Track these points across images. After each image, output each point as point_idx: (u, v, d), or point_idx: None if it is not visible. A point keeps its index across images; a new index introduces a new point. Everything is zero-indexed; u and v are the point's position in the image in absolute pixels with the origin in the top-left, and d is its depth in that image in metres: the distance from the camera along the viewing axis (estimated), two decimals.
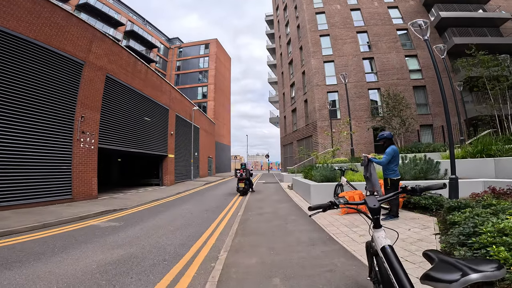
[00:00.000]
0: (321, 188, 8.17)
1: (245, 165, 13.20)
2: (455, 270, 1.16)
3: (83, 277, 3.30)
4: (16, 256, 4.06)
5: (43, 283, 3.07)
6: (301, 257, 3.72)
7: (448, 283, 1.12)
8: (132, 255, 4.22)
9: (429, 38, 6.98)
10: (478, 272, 1.11)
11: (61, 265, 3.71)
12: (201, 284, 3.16)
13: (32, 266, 3.64)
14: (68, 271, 3.49)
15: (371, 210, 1.78)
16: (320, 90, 22.26)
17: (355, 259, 3.53)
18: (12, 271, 3.43)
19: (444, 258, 1.31)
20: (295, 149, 26.63)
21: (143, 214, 8.08)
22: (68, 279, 3.22)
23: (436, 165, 7.86)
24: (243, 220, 6.46)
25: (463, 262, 1.19)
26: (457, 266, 1.18)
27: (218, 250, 4.46)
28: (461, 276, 1.11)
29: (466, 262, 1.19)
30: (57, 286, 3.01)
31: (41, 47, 9.24)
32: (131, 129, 14.48)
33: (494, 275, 1.12)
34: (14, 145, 8.31)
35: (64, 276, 3.33)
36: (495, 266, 1.14)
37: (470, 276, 1.10)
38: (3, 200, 7.84)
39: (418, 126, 20.19)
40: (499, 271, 1.12)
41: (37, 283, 3.09)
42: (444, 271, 1.19)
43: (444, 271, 1.19)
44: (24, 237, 5.25)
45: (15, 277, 3.24)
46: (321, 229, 5.22)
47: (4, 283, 3.04)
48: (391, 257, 1.58)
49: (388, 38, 22.58)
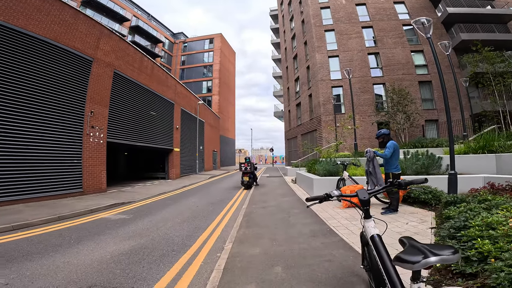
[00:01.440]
0: (323, 182, 8.37)
1: (249, 159, 13.43)
2: (419, 253, 1.34)
3: (99, 267, 3.56)
4: (35, 248, 4.33)
5: (63, 273, 3.33)
6: (302, 248, 3.94)
7: (412, 264, 1.31)
8: (142, 246, 4.48)
9: (431, 36, 7.02)
10: (437, 256, 1.30)
11: (78, 256, 3.97)
12: (208, 272, 3.41)
13: (51, 257, 3.90)
14: (85, 262, 3.75)
15: (362, 202, 1.96)
16: (324, 85, 22.30)
17: (353, 250, 3.74)
18: (33, 262, 3.68)
19: (413, 244, 1.50)
20: (299, 143, 26.79)
21: (151, 207, 8.38)
22: (86, 269, 3.48)
23: (438, 160, 7.98)
24: (247, 213, 6.70)
25: (427, 247, 1.38)
26: (421, 249, 1.37)
27: (223, 241, 4.70)
28: (422, 258, 1.30)
29: (429, 247, 1.38)
30: (76, 275, 3.26)
31: (51, 45, 9.48)
32: (138, 124, 14.78)
33: (450, 258, 1.31)
34: (27, 140, 8.62)
35: (82, 266, 3.59)
36: (451, 251, 1.32)
37: (430, 258, 1.29)
38: (17, 193, 8.18)
39: (423, 121, 20.23)
40: (454, 256, 1.31)
41: (58, 273, 3.34)
42: (410, 254, 1.38)
43: (410, 254, 1.37)
44: (40, 230, 5.54)
45: (37, 268, 3.49)
46: (322, 222, 5.43)
47: (27, 274, 3.28)
48: (379, 245, 1.76)
49: (394, 34, 22.45)
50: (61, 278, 3.17)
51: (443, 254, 1.31)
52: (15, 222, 5.77)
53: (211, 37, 46.43)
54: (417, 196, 6.19)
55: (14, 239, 4.79)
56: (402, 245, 1.60)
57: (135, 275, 3.30)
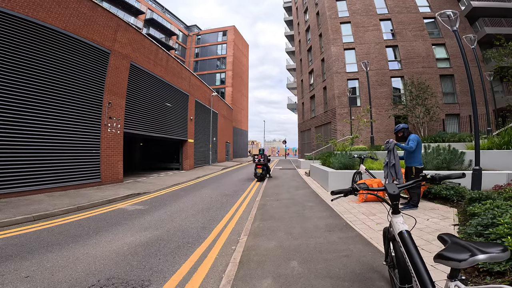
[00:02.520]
0: (339, 175, 8.23)
1: (263, 151, 13.39)
2: (465, 251, 1.26)
3: (117, 258, 3.61)
4: (56, 238, 4.44)
5: (82, 265, 3.39)
6: (318, 242, 3.88)
7: (458, 262, 1.23)
8: (158, 237, 4.53)
9: (458, 28, 6.67)
10: (485, 254, 1.22)
11: (97, 247, 4.05)
12: (223, 265, 3.40)
13: (71, 248, 3.98)
14: (103, 253, 3.81)
15: (391, 196, 1.88)
16: (340, 78, 21.91)
17: (371, 246, 3.64)
18: (53, 253, 3.75)
19: (456, 241, 1.42)
20: (313, 135, 26.50)
21: (166, 198, 8.49)
22: (104, 261, 3.53)
23: (460, 155, 7.68)
24: (261, 205, 6.68)
25: (473, 244, 1.29)
26: (467, 247, 1.29)
27: (238, 233, 4.70)
28: (469, 256, 1.22)
29: (475, 244, 1.30)
30: (94, 267, 3.31)
31: (70, 37, 9.60)
32: (153, 115, 14.95)
33: (499, 256, 1.22)
34: (48, 131, 8.83)
35: (100, 257, 3.65)
36: (500, 249, 1.24)
37: (478, 256, 1.21)
38: (38, 183, 8.44)
39: (443, 115, 19.72)
40: (503, 253, 1.22)
41: (77, 264, 3.40)
42: (455, 251, 1.30)
43: (455, 251, 1.29)
44: (60, 220, 5.69)
45: (57, 259, 3.55)
46: (338, 216, 5.33)
47: (47, 266, 3.33)
48: (407, 241, 1.70)
49: (414, 26, 21.78)
50: (81, 270, 3.22)
51: (492, 251, 1.23)
52: (36, 212, 5.93)
53: (224, 30, 46.17)
54: (438, 192, 5.98)
55: (35, 230, 4.93)
56: (442, 242, 1.53)
57: (152, 267, 3.33)
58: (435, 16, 21.41)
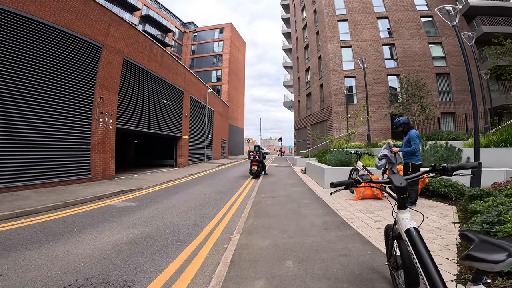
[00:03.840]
0: (335, 172, 8.06)
1: (258, 147, 13.17)
2: (500, 250, 1.09)
3: (99, 257, 3.38)
4: (37, 236, 4.19)
5: (61, 263, 3.15)
6: (314, 241, 3.69)
7: (494, 263, 1.06)
8: (147, 235, 4.31)
9: (456, 25, 6.53)
10: None
11: (79, 245, 3.81)
12: (214, 265, 3.19)
13: (51, 246, 3.74)
14: (85, 251, 3.58)
15: (397, 189, 1.70)
16: (336, 75, 21.83)
17: (370, 244, 3.46)
18: (31, 251, 3.51)
19: (484, 238, 1.24)
20: (309, 133, 26.39)
21: (158, 195, 8.25)
22: (85, 259, 3.30)
23: (458, 152, 7.55)
24: (256, 202, 6.48)
25: (507, 243, 1.12)
26: (502, 246, 1.11)
27: (230, 231, 4.49)
28: (507, 256, 1.05)
29: (508, 242, 1.13)
30: (74, 266, 3.08)
31: (61, 31, 9.28)
32: (147, 110, 14.65)
33: None
34: (36, 125, 8.52)
35: (81, 256, 3.42)
36: None
37: None
38: (25, 179, 8.13)
39: (439, 114, 19.73)
40: None
41: (55, 263, 3.17)
42: (488, 251, 1.12)
43: (488, 251, 1.12)
44: (44, 217, 5.42)
45: (34, 257, 3.31)
46: (335, 213, 5.16)
47: (23, 264, 3.10)
48: (416, 240, 1.52)
49: (411, 25, 21.84)
50: (58, 269, 3.00)
51: None
52: (20, 208, 5.68)
53: (221, 27, 45.81)
54: (436, 189, 5.84)
55: (16, 227, 4.67)
56: (465, 240, 1.34)
57: (136, 267, 3.11)
58: (432, 15, 21.58)
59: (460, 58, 20.66)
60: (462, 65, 20.74)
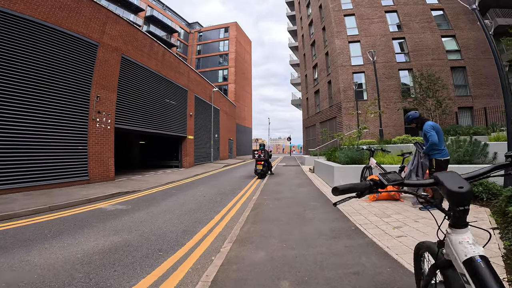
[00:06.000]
0: (346, 170, 7.35)
1: (263, 146, 12.57)
2: None
3: (60, 268, 2.84)
4: (3, 242, 3.70)
5: (10, 275, 2.64)
6: (319, 252, 3.04)
7: None
8: (126, 243, 3.75)
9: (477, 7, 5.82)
10: None
11: (44, 254, 3.28)
12: (193, 283, 2.58)
13: (12, 254, 3.24)
14: (47, 261, 3.04)
15: (454, 197, 1.03)
16: (345, 71, 21.06)
17: (389, 258, 2.79)
18: None
19: None
20: (318, 131, 25.61)
21: (155, 197, 7.72)
22: (42, 271, 2.77)
23: (483, 147, 6.73)
24: (257, 205, 5.85)
25: None
26: None
27: (223, 240, 3.88)
28: None
29: None
30: (23, 279, 2.57)
31: (53, 29, 8.89)
32: (149, 110, 14.19)
33: None
34: (29, 126, 8.15)
35: (40, 266, 2.89)
36: None
37: None
38: (15, 181, 7.73)
39: (456, 108, 18.76)
40: None
41: (4, 274, 2.67)
42: None
43: None
44: (23, 221, 4.95)
45: None
46: (345, 217, 4.48)
47: None
48: (484, 277, 0.89)
49: (421, 18, 20.94)
50: (2, 281, 2.49)
51: None
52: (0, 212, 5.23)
53: (226, 26, 45.33)
54: None
55: None
56: None
57: (98, 283, 2.54)
58: (443, 8, 20.75)
59: (476, 51, 19.68)
60: (478, 58, 19.75)
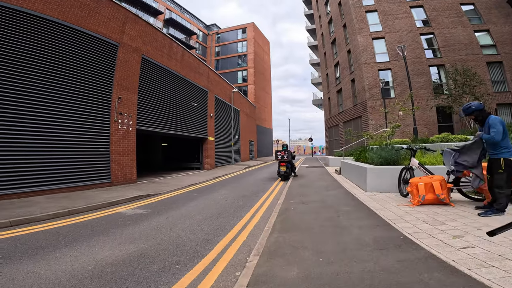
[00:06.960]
0: (380, 172, 6.68)
1: (286, 147, 12.04)
2: None
3: (65, 283, 2.51)
4: (13, 250, 3.46)
5: None
6: (365, 269, 2.50)
7: None
8: (143, 253, 3.38)
9: None
10: None
11: (53, 265, 2.98)
12: None
13: (18, 264, 2.96)
14: (54, 274, 2.73)
15: None
16: (369, 68, 20.18)
17: (460, 274, 2.20)
18: None
19: None
20: (341, 131, 24.69)
21: (175, 200, 7.42)
22: (47, 285, 2.45)
23: None
24: (283, 210, 5.34)
25: None
26: None
27: (248, 251, 3.42)
28: None
29: None
30: None
31: (72, 29, 8.87)
32: (169, 111, 14.09)
33: None
34: (52, 128, 8.15)
35: (45, 279, 2.57)
36: None
37: None
38: (38, 184, 7.70)
39: (494, 105, 17.63)
40: None
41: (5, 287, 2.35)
42: None
43: None
44: (40, 226, 4.75)
45: None
46: (389, 225, 3.87)
47: None
48: None
49: (451, 13, 19.89)
50: None
51: None
52: (18, 216, 5.08)
53: (243, 27, 45.24)
54: None
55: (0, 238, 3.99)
56: None
57: None
58: (473, 2, 19.61)
59: None
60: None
